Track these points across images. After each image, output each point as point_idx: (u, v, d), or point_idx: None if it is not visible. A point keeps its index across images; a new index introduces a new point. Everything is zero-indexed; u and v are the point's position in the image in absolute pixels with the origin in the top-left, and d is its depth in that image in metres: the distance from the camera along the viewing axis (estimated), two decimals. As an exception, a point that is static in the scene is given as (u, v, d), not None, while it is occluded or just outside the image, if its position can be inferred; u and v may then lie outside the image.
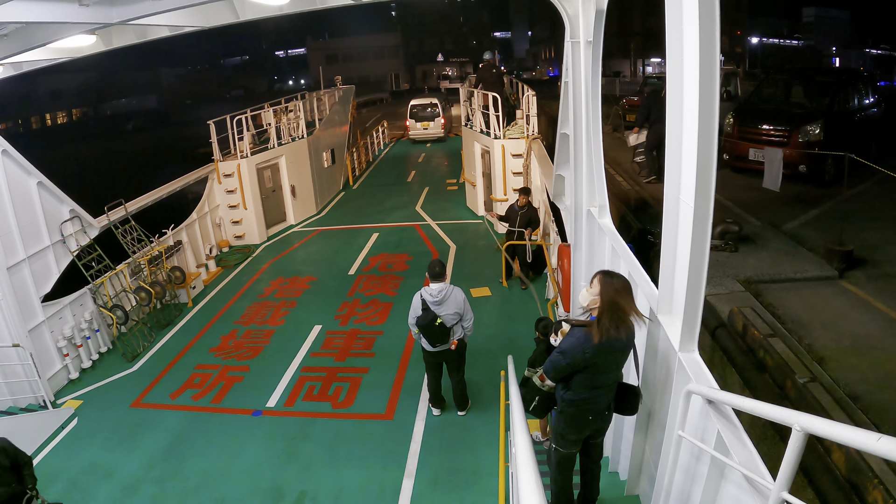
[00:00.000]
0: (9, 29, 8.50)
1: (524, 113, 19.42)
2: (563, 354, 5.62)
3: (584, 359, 5.47)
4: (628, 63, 77.71)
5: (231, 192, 19.38)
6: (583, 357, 5.46)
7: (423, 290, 9.16)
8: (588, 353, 5.43)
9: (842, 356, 9.03)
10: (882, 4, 59.56)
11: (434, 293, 9.03)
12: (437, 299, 9.02)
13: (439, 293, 9.03)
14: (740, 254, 12.41)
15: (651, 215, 15.87)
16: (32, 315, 11.42)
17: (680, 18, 4.48)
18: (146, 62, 75.59)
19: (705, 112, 4.37)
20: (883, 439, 2.57)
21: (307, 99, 25.63)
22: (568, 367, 5.61)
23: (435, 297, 9.02)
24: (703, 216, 4.63)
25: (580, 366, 5.54)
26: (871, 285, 11.08)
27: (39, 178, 11.82)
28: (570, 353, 5.55)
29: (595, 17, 7.98)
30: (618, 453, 7.74)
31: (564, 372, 5.67)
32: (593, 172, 8.93)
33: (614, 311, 5.37)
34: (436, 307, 9.04)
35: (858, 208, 14.28)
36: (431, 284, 9.14)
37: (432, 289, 9.08)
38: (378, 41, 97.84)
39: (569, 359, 5.56)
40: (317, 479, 8.75)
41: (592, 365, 5.51)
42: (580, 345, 5.46)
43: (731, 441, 4.21)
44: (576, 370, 5.60)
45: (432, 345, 9.29)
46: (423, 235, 19.63)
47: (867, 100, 19.32)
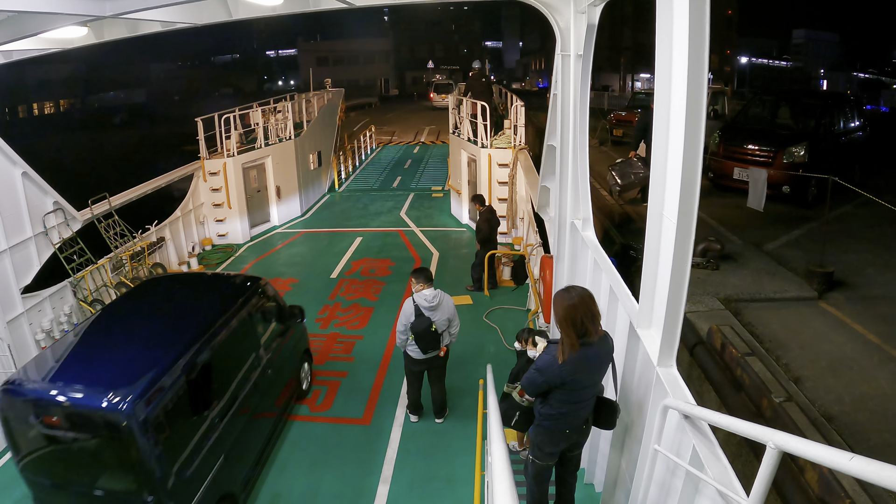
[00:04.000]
0: (0, 17, 8.46)
1: (512, 123, 19.48)
2: (539, 372, 5.64)
3: (560, 377, 5.48)
4: (618, 77, 78.26)
5: (216, 190, 19.31)
6: (559, 375, 5.48)
7: (416, 295, 9.04)
8: (564, 371, 5.44)
9: (818, 377, 9.10)
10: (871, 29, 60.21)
11: (429, 298, 8.95)
12: (432, 304, 8.94)
13: (434, 298, 8.97)
14: (721, 272, 12.48)
15: (634, 231, 15.95)
16: (11, 306, 11.32)
17: (670, 36, 4.53)
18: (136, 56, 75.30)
19: (691, 130, 4.41)
20: (855, 459, 2.60)
21: (296, 100, 25.61)
22: (545, 384, 5.63)
23: (430, 302, 8.94)
24: (686, 233, 4.66)
25: (556, 383, 5.56)
26: (849, 307, 11.18)
27: (24, 169, 11.74)
28: (546, 371, 5.57)
29: (586, 31, 8.04)
30: (594, 465, 7.78)
31: (542, 388, 5.69)
32: (578, 185, 8.97)
33: (573, 326, 5.38)
34: (430, 313, 8.94)
35: (840, 230, 14.41)
36: (424, 290, 9.05)
37: (426, 294, 8.99)
38: (369, 45, 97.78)
39: (545, 376, 5.58)
40: (291, 481, 8.73)
41: (570, 381, 5.52)
42: (555, 363, 5.48)
43: (706, 456, 4.24)
44: (553, 387, 5.62)
45: (424, 352, 9.20)
46: (407, 241, 19.62)
47: (853, 123, 19.51)
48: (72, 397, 6.39)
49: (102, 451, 6.57)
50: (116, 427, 6.13)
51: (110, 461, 6.58)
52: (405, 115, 61.65)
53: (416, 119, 56.99)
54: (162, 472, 6.37)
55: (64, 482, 6.79)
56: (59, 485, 6.81)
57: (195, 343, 7.34)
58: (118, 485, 6.63)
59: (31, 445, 6.74)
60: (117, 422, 6.11)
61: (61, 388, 6.54)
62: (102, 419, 6.21)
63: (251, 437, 8.43)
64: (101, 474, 6.66)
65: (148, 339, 7.47)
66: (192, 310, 8.40)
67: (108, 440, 6.38)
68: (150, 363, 6.75)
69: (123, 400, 6.13)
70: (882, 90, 60.10)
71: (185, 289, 9.56)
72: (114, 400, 6.14)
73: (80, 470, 6.72)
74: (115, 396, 6.16)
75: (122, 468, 6.48)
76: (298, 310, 10.68)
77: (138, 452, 6.20)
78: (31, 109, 75.87)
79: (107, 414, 6.14)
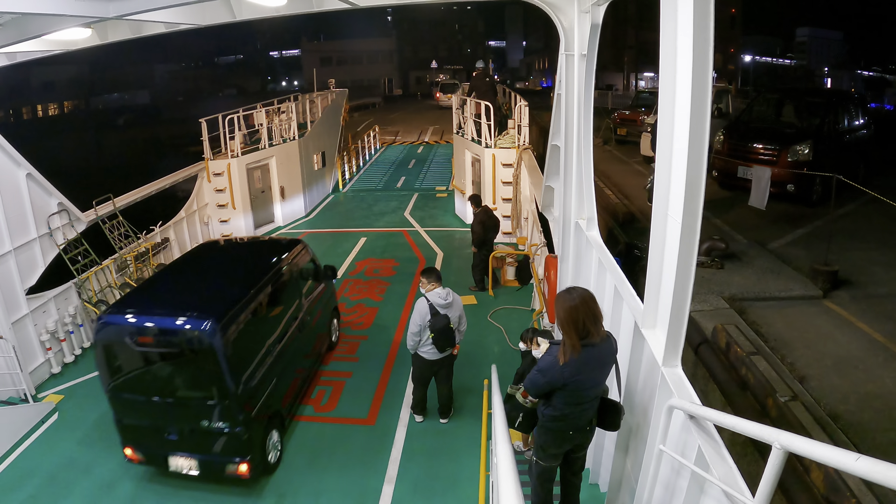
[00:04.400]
0: (4, 19, 8.48)
1: (516, 123, 19.46)
2: (541, 373, 5.62)
3: (562, 377, 5.46)
4: (621, 76, 78.17)
5: (220, 191, 19.33)
6: (561, 376, 5.45)
7: (430, 294, 9.05)
8: (566, 372, 5.41)
9: (823, 376, 9.09)
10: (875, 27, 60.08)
11: (443, 296, 8.99)
12: (447, 301, 8.99)
13: (448, 296, 9.03)
14: (726, 271, 12.46)
15: (638, 230, 15.93)
16: (16, 307, 11.35)
17: (674, 35, 4.52)
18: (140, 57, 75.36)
19: (696, 129, 4.39)
20: (861, 459, 2.59)
21: (300, 101, 25.62)
22: (547, 386, 5.61)
23: (445, 299, 8.98)
24: (691, 232, 4.65)
25: (558, 384, 5.53)
26: (854, 306, 11.16)
27: (29, 170, 11.77)
28: (549, 372, 5.54)
29: (590, 31, 8.03)
30: (598, 466, 7.77)
31: (544, 389, 5.68)
32: (583, 185, 8.96)
33: (575, 327, 5.36)
34: (445, 310, 8.98)
35: (845, 229, 14.38)
36: (437, 289, 9.07)
37: (440, 292, 9.03)
38: (373, 45, 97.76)
39: (547, 377, 5.56)
40: (297, 482, 8.75)
41: (572, 383, 5.49)
42: (557, 364, 5.45)
43: (711, 456, 4.23)
44: (555, 388, 5.60)
45: (441, 350, 9.21)
46: (411, 241, 19.62)
47: (857, 121, 19.46)
48: (164, 323, 8.16)
49: (187, 366, 8.31)
50: (202, 346, 7.89)
51: (193, 374, 8.33)
52: (409, 115, 61.60)
53: (420, 119, 56.96)
54: (233, 383, 8.02)
55: (150, 395, 8.34)
56: (146, 398, 8.35)
57: (254, 286, 9.11)
58: (198, 393, 8.34)
59: (123, 367, 8.42)
60: (202, 341, 7.85)
61: (154, 316, 8.28)
62: (190, 339, 7.95)
63: (294, 370, 10.22)
64: (184, 385, 8.43)
65: (218, 281, 9.54)
66: (248, 262, 10.60)
67: (194, 357, 8.09)
68: (222, 298, 8.54)
69: (207, 325, 7.84)
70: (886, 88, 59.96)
71: (240, 247, 12.32)
72: (199, 324, 7.87)
73: (166, 383, 8.42)
74: (200, 322, 7.88)
75: (203, 379, 8.20)
76: (331, 270, 12.32)
77: (217, 366, 7.88)
78: (36, 111, 75.95)
79: (194, 335, 7.90)
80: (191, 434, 8.43)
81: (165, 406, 8.40)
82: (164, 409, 8.41)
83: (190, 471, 8.51)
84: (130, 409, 8.52)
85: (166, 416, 8.46)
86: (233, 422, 8.22)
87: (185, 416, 8.40)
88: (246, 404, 8.31)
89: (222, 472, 8.52)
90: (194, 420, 8.35)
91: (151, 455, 8.71)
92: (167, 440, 8.49)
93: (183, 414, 8.42)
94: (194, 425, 8.37)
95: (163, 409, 8.41)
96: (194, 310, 8.11)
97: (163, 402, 8.38)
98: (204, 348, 7.88)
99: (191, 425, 8.39)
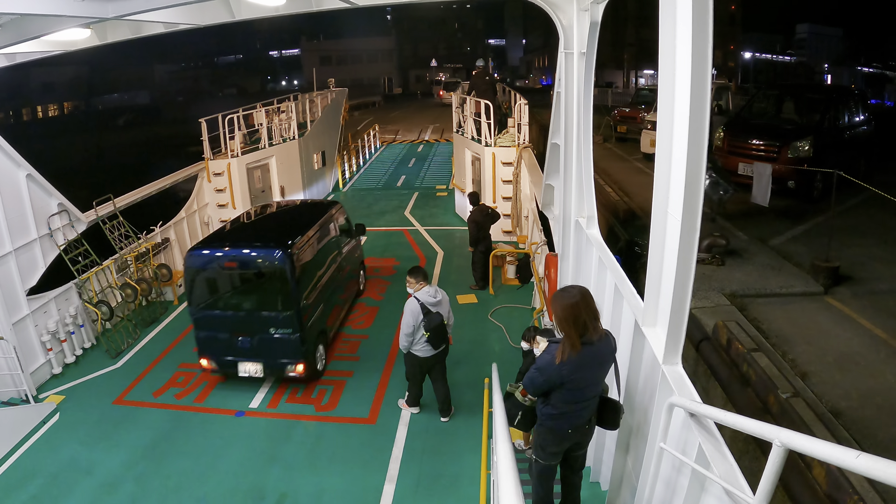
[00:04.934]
0: (4, 20, 8.48)
1: (516, 121, 19.44)
2: (539, 372, 5.61)
3: (560, 376, 5.45)
4: (621, 74, 78.05)
5: (220, 191, 19.30)
6: (559, 374, 5.45)
7: (418, 294, 9.17)
8: (564, 371, 5.41)
9: (825, 372, 9.08)
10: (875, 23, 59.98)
11: (433, 294, 9.18)
12: (437, 299, 9.17)
13: (437, 293, 9.21)
14: (727, 267, 12.46)
15: (638, 227, 15.92)
16: (17, 308, 11.35)
17: (673, 32, 4.51)
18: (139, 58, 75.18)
19: (695, 125, 4.39)
20: (862, 457, 2.59)
21: (300, 100, 25.60)
22: (545, 384, 5.61)
23: (435, 297, 9.16)
24: (691, 230, 4.64)
25: (556, 383, 5.52)
26: (856, 302, 11.16)
27: (29, 171, 11.76)
28: (546, 370, 5.54)
29: (589, 29, 8.02)
30: (599, 464, 7.76)
31: (543, 388, 5.67)
32: (583, 183, 8.95)
33: (574, 324, 5.35)
34: (436, 308, 9.14)
35: (846, 225, 14.37)
36: (425, 287, 9.20)
37: (429, 290, 9.19)
38: (372, 44, 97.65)
39: (545, 376, 5.55)
40: (298, 481, 8.74)
41: (570, 381, 5.49)
42: (555, 363, 5.45)
43: (712, 454, 4.22)
44: (553, 387, 5.60)
45: (437, 347, 9.36)
46: (411, 240, 19.63)
47: (857, 117, 19.45)
48: (246, 252, 10.82)
49: (262, 286, 10.80)
50: (275, 268, 10.44)
51: (266, 292, 10.78)
52: (409, 114, 61.60)
53: (420, 118, 56.95)
54: (297, 298, 10.53)
55: (228, 311, 10.84)
56: (224, 314, 10.83)
57: (307, 231, 11.54)
58: (270, 307, 10.64)
59: (207, 288, 10.81)
60: (276, 265, 10.42)
61: (237, 248, 10.94)
62: (266, 264, 10.57)
63: (334, 302, 12.72)
64: (257, 301, 10.86)
65: (278, 227, 12.77)
66: (301, 214, 13.54)
67: (268, 278, 10.63)
68: (286, 237, 10.90)
69: (279, 253, 10.42)
70: (886, 84, 59.87)
71: (291, 206, 15.17)
72: (273, 252, 10.49)
73: (243, 300, 10.91)
74: (273, 251, 10.50)
75: (274, 295, 10.63)
76: (362, 227, 14.91)
77: (286, 285, 10.44)
78: (36, 112, 75.89)
79: (269, 260, 10.51)
80: (259, 342, 10.75)
81: (240, 319, 10.83)
82: (238, 322, 10.82)
83: (256, 374, 10.92)
84: (209, 324, 10.90)
85: (240, 328, 10.78)
86: (295, 329, 10.59)
87: (256, 327, 10.72)
88: (304, 317, 10.70)
89: (283, 373, 10.93)
90: (264, 330, 10.69)
91: (224, 362, 11.05)
92: (239, 349, 10.84)
93: (254, 325, 10.74)
94: (263, 335, 10.70)
95: (237, 323, 10.82)
96: (268, 243, 10.81)
97: (238, 317, 10.84)
98: (276, 270, 10.42)
99: (260, 335, 10.72)
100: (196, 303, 10.82)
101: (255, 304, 10.85)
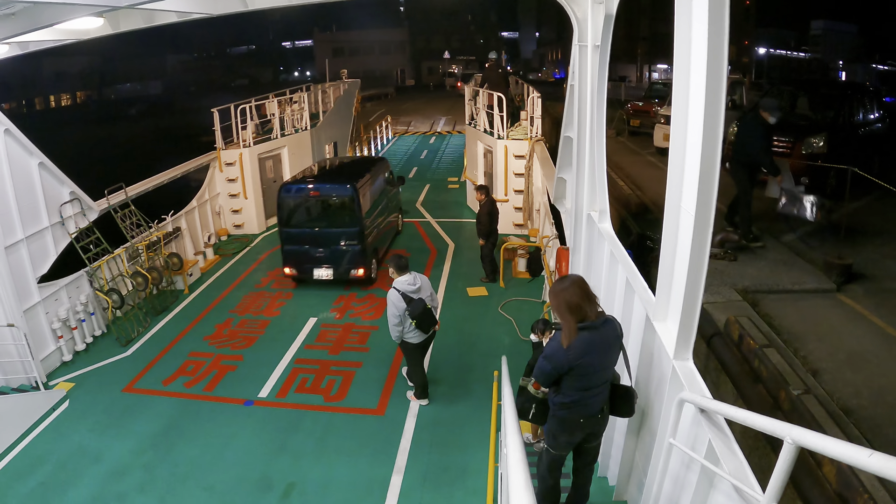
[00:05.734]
0: (16, 7, 8.47)
1: (528, 114, 19.38)
2: (547, 359, 5.64)
3: (567, 361, 5.47)
4: (634, 68, 77.70)
5: (232, 180, 19.36)
6: (566, 359, 5.46)
7: (396, 283, 9.41)
8: (571, 355, 5.43)
9: (836, 369, 9.02)
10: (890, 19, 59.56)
11: (411, 282, 9.41)
12: (416, 286, 9.40)
13: (415, 281, 9.44)
14: (739, 263, 12.38)
15: (650, 221, 15.85)
16: (28, 295, 11.40)
17: (689, 26, 4.47)
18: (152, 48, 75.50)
19: (710, 120, 4.34)
20: (874, 455, 2.56)
21: (312, 91, 25.60)
22: (554, 371, 5.62)
23: (413, 285, 9.39)
24: (704, 225, 4.60)
25: (564, 368, 5.53)
26: (868, 300, 11.06)
27: (41, 159, 11.80)
28: (553, 357, 5.57)
29: (604, 22, 7.97)
30: (608, 458, 7.73)
31: (552, 376, 5.68)
32: (595, 176, 8.91)
33: (569, 310, 5.43)
34: (416, 294, 9.36)
35: (859, 222, 14.25)
36: (402, 276, 9.44)
37: (407, 279, 9.44)
38: (385, 36, 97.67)
39: (553, 362, 5.58)
40: (306, 471, 8.75)
41: (578, 366, 5.50)
42: (561, 348, 5.48)
43: (721, 451, 4.19)
44: (562, 373, 5.61)
45: (426, 331, 9.58)
46: (422, 232, 19.64)
47: (872, 115, 19.28)
48: (326, 186, 15.21)
49: (337, 210, 14.93)
50: (347, 197, 14.61)
51: (339, 214, 14.87)
52: (421, 106, 61.55)
53: (432, 109, 56.92)
54: (361, 220, 14.56)
55: (309, 229, 14.87)
56: (305, 232, 14.82)
57: (366, 174, 15.89)
58: (342, 225, 14.71)
59: (294, 212, 14.88)
60: (347, 194, 14.60)
61: (319, 182, 15.28)
62: (341, 193, 14.83)
63: (381, 231, 16.72)
64: (332, 222, 14.93)
65: (348, 170, 17.30)
66: (360, 164, 18.54)
67: (342, 204, 14.79)
68: (353, 177, 15.24)
69: (349, 186, 14.61)
70: (901, 81, 59.45)
71: (349, 159, 22.09)
72: (345, 186, 14.73)
73: (321, 221, 14.98)
74: (345, 185, 14.76)
75: (345, 216, 14.70)
76: (402, 179, 19.51)
77: (355, 208, 14.48)
78: (49, 101, 76.21)
79: (343, 190, 14.75)
80: (331, 253, 14.65)
81: (317, 235, 14.70)
82: (316, 238, 14.69)
83: (328, 277, 14.71)
84: (294, 240, 14.79)
85: (317, 243, 14.68)
86: (358, 242, 14.54)
87: (330, 241, 14.62)
88: (365, 233, 14.63)
89: (347, 275, 14.75)
90: (335, 243, 14.61)
91: (303, 269, 14.91)
92: (315, 258, 14.71)
93: (328, 240, 14.63)
94: (335, 247, 14.63)
95: (315, 238, 14.69)
96: (341, 179, 15.38)
97: (316, 233, 14.74)
98: (347, 198, 14.59)
99: (332, 247, 14.64)
100: (285, 224, 14.75)
101: (329, 223, 14.83)
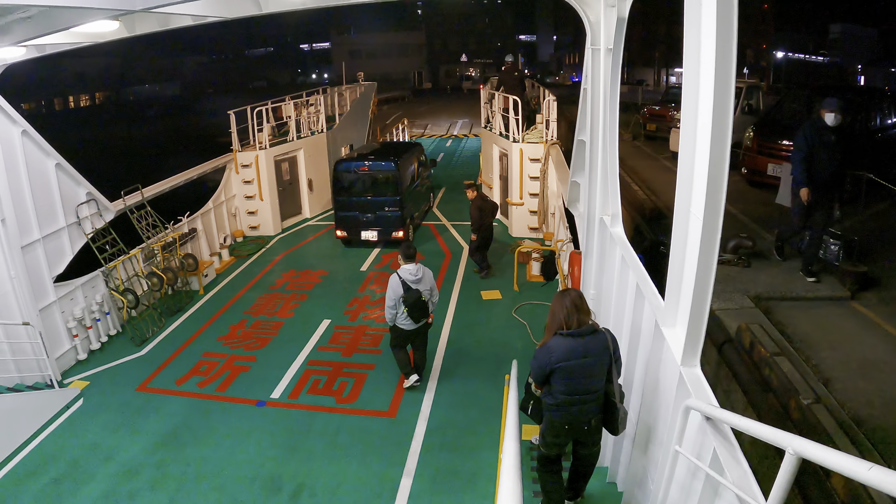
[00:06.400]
0: (32, 11, 8.54)
1: (544, 118, 19.36)
2: (535, 358, 6.13)
3: (548, 362, 5.94)
4: (652, 72, 77.43)
5: (248, 182, 19.46)
6: (547, 360, 5.94)
7: (400, 270, 9.84)
8: (553, 357, 5.90)
9: (848, 378, 8.95)
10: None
11: (413, 272, 9.85)
12: (417, 277, 9.83)
13: (417, 271, 9.86)
14: (752, 269, 12.32)
15: (665, 226, 15.78)
16: (44, 294, 11.50)
17: (698, 31, 4.47)
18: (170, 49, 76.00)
19: (718, 126, 4.33)
20: (874, 469, 2.55)
21: (328, 93, 25.70)
22: (539, 369, 6.06)
23: (415, 275, 9.82)
24: (712, 230, 4.59)
25: (547, 368, 5.98)
26: (883, 308, 10.96)
27: (58, 160, 11.91)
28: (538, 355, 6.07)
29: (616, 25, 7.95)
30: (617, 464, 7.72)
31: (539, 374, 6.11)
32: (608, 180, 8.89)
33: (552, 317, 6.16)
34: (415, 285, 9.79)
35: (875, 229, 14.14)
36: (407, 265, 9.87)
37: (411, 268, 9.86)
38: (402, 39, 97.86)
39: (538, 361, 6.07)
40: (316, 472, 8.78)
41: (559, 369, 5.92)
42: (545, 348, 5.99)
43: (726, 460, 4.18)
44: (545, 373, 6.01)
45: (416, 321, 10.07)
46: (437, 235, 19.67)
47: (889, 120, 19.15)
48: (374, 162, 18.02)
49: (381, 182, 17.87)
50: (390, 171, 17.85)
51: (383, 185, 17.85)
52: (438, 109, 61.61)
53: (448, 112, 56.97)
54: (401, 190, 17.85)
55: (357, 197, 17.91)
56: (354, 199, 17.95)
57: (405, 154, 19.06)
58: (386, 194, 17.79)
59: (348, 185, 17.96)
60: (391, 169, 17.86)
61: (367, 160, 18.09)
62: (385, 168, 17.91)
63: (416, 205, 19.90)
64: (378, 191, 17.85)
65: (390, 151, 19.22)
66: (400, 146, 21.58)
67: (385, 177, 17.87)
68: (395, 155, 18.33)
69: (393, 163, 17.89)
70: (922, 87, 58.95)
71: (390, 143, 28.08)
72: (390, 163, 17.91)
73: (368, 191, 17.89)
74: (390, 162, 17.93)
75: (389, 187, 17.83)
76: (434, 161, 23.69)
77: (397, 180, 17.81)
78: (68, 102, 76.77)
79: (387, 166, 17.91)
80: (376, 218, 17.82)
81: (365, 203, 17.84)
82: (364, 205, 17.85)
83: (373, 238, 17.92)
84: (345, 207, 18.05)
85: (364, 209, 17.84)
86: (398, 208, 17.72)
87: (375, 207, 17.79)
88: (404, 201, 17.90)
89: (389, 236, 17.90)
90: (380, 209, 17.76)
91: (352, 231, 18.09)
92: (362, 222, 17.91)
93: (374, 207, 17.80)
94: (379, 212, 17.78)
95: (363, 205, 17.85)
96: (386, 157, 18.14)
97: (364, 201, 17.84)
98: (391, 173, 17.78)
99: (377, 213, 17.79)
100: (338, 194, 18.05)
101: (375, 193, 17.79)
